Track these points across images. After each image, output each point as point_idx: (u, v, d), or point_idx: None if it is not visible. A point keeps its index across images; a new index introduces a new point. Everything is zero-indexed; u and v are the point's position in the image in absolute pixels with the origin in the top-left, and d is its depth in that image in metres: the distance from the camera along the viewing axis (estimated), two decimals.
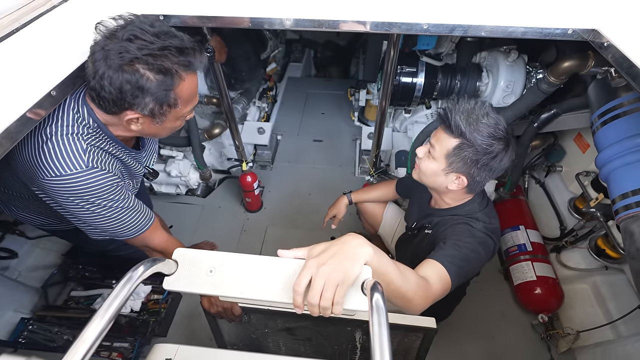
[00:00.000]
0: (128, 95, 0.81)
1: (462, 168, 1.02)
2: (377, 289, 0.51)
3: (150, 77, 0.80)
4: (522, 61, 1.71)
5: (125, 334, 1.61)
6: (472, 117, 0.97)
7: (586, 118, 1.54)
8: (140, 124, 0.91)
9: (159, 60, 0.80)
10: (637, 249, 0.95)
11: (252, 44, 1.95)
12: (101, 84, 0.80)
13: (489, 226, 1.07)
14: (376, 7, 1.03)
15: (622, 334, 1.46)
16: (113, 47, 0.77)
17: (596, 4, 0.96)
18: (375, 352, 0.43)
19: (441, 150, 1.03)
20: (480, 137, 0.96)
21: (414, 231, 1.29)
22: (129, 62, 0.78)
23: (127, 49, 0.77)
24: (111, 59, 0.77)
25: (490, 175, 1.03)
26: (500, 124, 0.99)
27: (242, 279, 0.59)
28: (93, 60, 0.80)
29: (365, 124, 2.43)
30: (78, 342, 0.48)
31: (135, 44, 0.78)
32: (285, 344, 1.21)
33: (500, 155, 0.99)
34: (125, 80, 0.79)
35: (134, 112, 0.86)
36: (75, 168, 0.86)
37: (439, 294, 0.88)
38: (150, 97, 0.83)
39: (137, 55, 0.77)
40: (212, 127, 2.10)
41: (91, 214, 0.95)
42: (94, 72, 0.80)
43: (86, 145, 0.89)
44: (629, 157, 1.03)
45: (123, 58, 0.77)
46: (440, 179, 1.08)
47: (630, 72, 0.81)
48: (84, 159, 0.87)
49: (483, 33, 0.97)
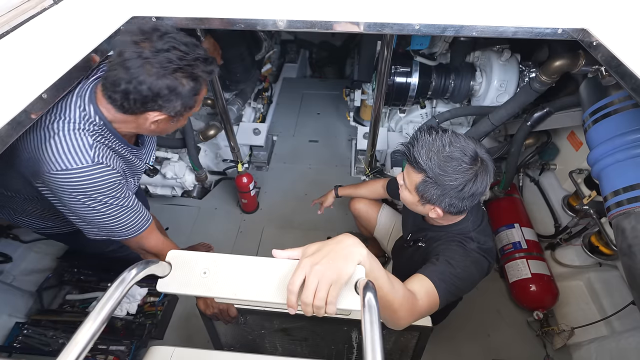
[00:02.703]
0: (162, 99, 0.87)
1: (433, 200, 0.98)
2: (369, 288, 0.51)
3: (184, 83, 0.88)
4: (515, 60, 1.72)
5: (121, 337, 1.60)
6: (432, 151, 0.93)
7: (579, 116, 1.55)
8: (159, 123, 0.95)
9: (191, 69, 0.88)
10: (628, 245, 0.96)
11: (246, 45, 1.95)
12: (137, 88, 0.84)
13: (483, 246, 1.04)
14: (369, 8, 1.04)
15: (616, 329, 1.47)
16: (154, 56, 0.83)
17: (585, 4, 0.97)
18: (367, 351, 0.43)
19: (410, 184, 1.01)
20: (442, 172, 0.92)
21: (409, 243, 1.28)
22: (172, 71, 0.85)
23: (170, 59, 0.84)
24: (155, 67, 0.83)
25: (466, 203, 0.98)
26: (467, 152, 0.93)
27: (236, 280, 0.59)
28: (126, 66, 0.83)
29: (360, 124, 2.44)
30: (70, 345, 0.48)
31: (175, 54, 0.84)
32: (282, 345, 1.21)
33: (469, 186, 0.93)
34: (165, 86, 0.85)
35: (160, 114, 0.91)
36: (82, 162, 0.88)
37: (425, 310, 0.86)
38: (180, 101, 0.90)
39: (180, 65, 0.85)
40: (207, 129, 2.09)
41: (91, 211, 0.96)
42: (130, 77, 0.83)
43: (92, 141, 0.91)
44: (619, 155, 1.04)
45: (167, 68, 0.84)
46: (418, 208, 1.06)
47: (618, 70, 0.82)
48: (90, 154, 0.90)
49: (474, 33, 0.98)
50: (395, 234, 1.60)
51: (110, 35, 0.95)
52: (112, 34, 0.96)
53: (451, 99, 1.93)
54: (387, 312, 0.74)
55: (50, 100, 0.76)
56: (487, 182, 0.96)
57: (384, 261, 1.84)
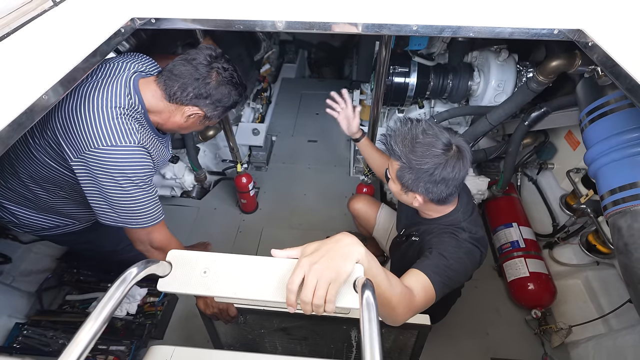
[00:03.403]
0: (212, 99, 1.09)
1: (411, 187, 1.05)
2: (368, 286, 0.52)
3: (232, 96, 1.12)
4: (512, 60, 1.73)
5: (121, 337, 1.61)
6: (407, 139, 1.01)
7: (576, 116, 1.56)
8: (191, 118, 1.12)
9: (243, 90, 1.15)
10: (625, 244, 0.97)
11: (245, 45, 1.95)
12: (199, 85, 1.05)
13: (474, 236, 1.08)
14: (367, 9, 1.04)
15: (613, 327, 1.48)
16: (223, 70, 1.08)
17: (580, 5, 0.98)
18: (366, 348, 0.44)
19: (392, 172, 1.09)
20: (414, 157, 0.99)
21: (402, 238, 1.30)
22: (233, 85, 1.11)
23: (233, 76, 1.10)
24: (221, 76, 1.08)
25: (443, 188, 1.02)
26: (440, 138, 0.99)
27: (235, 279, 0.60)
28: (197, 66, 1.05)
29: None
30: (72, 345, 0.48)
31: (237, 74, 1.12)
32: (282, 344, 1.22)
33: (439, 170, 0.98)
34: (222, 92, 1.09)
35: (200, 110, 1.10)
36: (127, 142, 0.99)
37: (422, 305, 0.88)
38: (220, 108, 1.12)
39: (238, 82, 1.13)
40: (206, 129, 2.10)
41: (121, 192, 1.02)
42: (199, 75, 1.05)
43: (138, 125, 1.04)
44: (616, 154, 1.04)
45: (230, 81, 1.10)
46: (403, 197, 1.13)
47: (613, 71, 0.83)
48: (137, 136, 1.02)
49: (471, 34, 0.99)
50: (394, 234, 1.61)
51: (110, 37, 0.95)
52: (112, 35, 0.96)
53: (449, 99, 1.94)
54: (385, 310, 0.75)
55: (52, 100, 0.76)
56: (459, 169, 1.01)
57: (382, 260, 1.85)
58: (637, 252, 0.93)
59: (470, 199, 1.21)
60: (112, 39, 0.97)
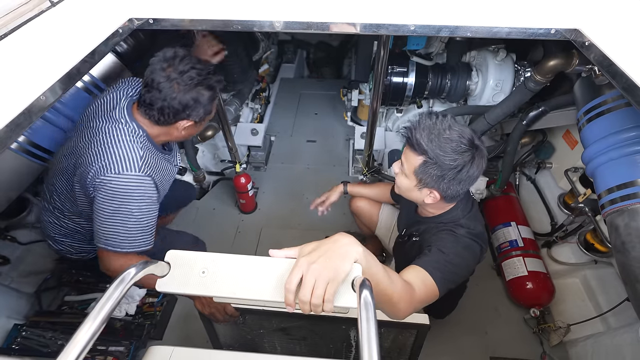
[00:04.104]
0: (190, 109, 1.10)
1: (431, 183, 1.02)
2: (365, 286, 0.52)
3: (204, 93, 1.10)
4: (510, 60, 1.73)
5: (120, 337, 1.60)
6: (433, 134, 0.97)
7: (573, 115, 1.57)
8: (188, 128, 1.17)
9: (207, 81, 1.10)
10: (622, 243, 0.97)
11: (243, 45, 1.95)
12: (171, 104, 1.07)
13: (473, 231, 1.08)
14: (364, 9, 1.04)
15: (611, 325, 1.49)
16: (179, 76, 1.05)
17: (577, 5, 0.98)
18: (364, 347, 0.44)
19: (409, 167, 1.04)
20: (442, 153, 0.96)
21: (404, 238, 1.30)
22: (194, 86, 1.07)
23: (192, 77, 1.06)
24: (181, 85, 1.06)
25: (462, 187, 1.02)
26: (465, 135, 0.98)
27: (234, 279, 0.60)
28: (159, 88, 1.05)
29: (358, 124, 2.45)
30: (70, 345, 0.48)
31: (194, 72, 1.06)
32: (281, 344, 1.22)
33: (466, 168, 0.98)
34: (191, 98, 1.08)
35: (188, 121, 1.14)
36: (132, 170, 1.07)
37: (424, 299, 0.88)
38: (202, 109, 1.12)
39: (199, 80, 1.07)
40: (204, 129, 2.10)
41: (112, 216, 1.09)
42: (164, 96, 1.06)
43: (142, 153, 1.11)
44: (613, 153, 1.05)
45: (190, 84, 1.06)
46: (415, 194, 1.09)
47: (610, 70, 0.83)
48: (139, 164, 1.09)
49: (469, 33, 0.99)
50: (396, 231, 1.61)
51: (108, 37, 0.95)
52: (110, 36, 0.96)
53: (448, 99, 1.94)
54: (387, 306, 0.76)
55: (49, 101, 0.76)
56: (482, 167, 1.00)
57: (382, 259, 1.85)
58: (634, 251, 0.94)
59: (468, 194, 1.21)
60: (110, 39, 0.97)
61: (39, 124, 1.20)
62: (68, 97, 1.18)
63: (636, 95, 0.75)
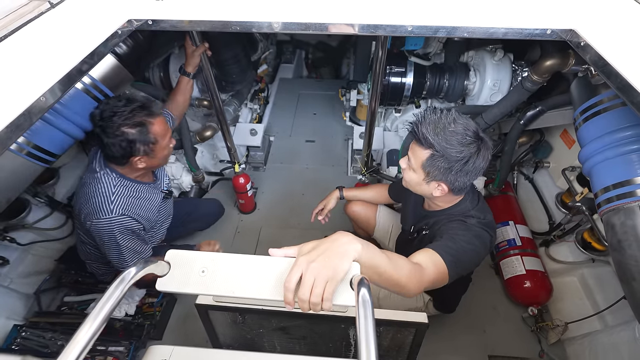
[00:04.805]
0: (127, 149, 1.23)
1: (439, 176, 1.04)
2: (363, 284, 0.53)
3: (132, 131, 1.22)
4: (507, 60, 1.74)
5: (120, 337, 1.61)
6: (439, 127, 1.00)
7: (570, 115, 1.57)
8: (144, 162, 1.30)
9: (131, 119, 1.21)
10: (618, 241, 0.98)
11: (242, 46, 1.95)
12: (112, 151, 1.23)
13: (483, 220, 1.10)
14: (362, 9, 1.05)
15: (609, 323, 1.50)
16: (106, 125, 1.19)
17: (573, 5, 0.99)
18: (362, 343, 0.44)
19: (416, 162, 1.07)
20: (448, 146, 0.99)
21: (413, 235, 1.31)
22: (117, 128, 1.19)
23: (114, 122, 1.19)
24: (109, 134, 1.20)
25: (469, 178, 1.04)
26: (469, 128, 1.01)
27: (233, 278, 0.61)
28: (100, 139, 1.22)
29: (356, 124, 2.45)
30: (71, 344, 0.48)
31: (116, 118, 1.19)
32: (280, 344, 1.22)
33: (473, 159, 1.00)
34: (122, 141, 1.21)
35: (137, 157, 1.27)
36: (108, 214, 1.27)
37: (433, 279, 0.89)
38: (139, 143, 1.24)
39: (120, 122, 1.20)
40: (203, 130, 2.10)
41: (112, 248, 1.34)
42: (104, 144, 1.22)
43: (123, 189, 1.32)
44: (609, 152, 1.06)
45: (115, 129, 1.19)
46: (423, 187, 1.11)
47: (604, 70, 0.84)
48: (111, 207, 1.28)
49: (465, 34, 1.00)
50: (395, 232, 1.61)
51: (107, 38, 0.96)
52: (109, 37, 0.97)
53: (446, 99, 1.95)
54: (396, 289, 0.78)
55: (49, 102, 0.77)
56: (487, 158, 1.03)
57: None
58: (630, 249, 0.95)
59: (474, 188, 1.23)
60: (109, 40, 0.98)
61: (39, 125, 1.20)
62: (68, 99, 1.18)
63: (631, 95, 0.75)
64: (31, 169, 1.26)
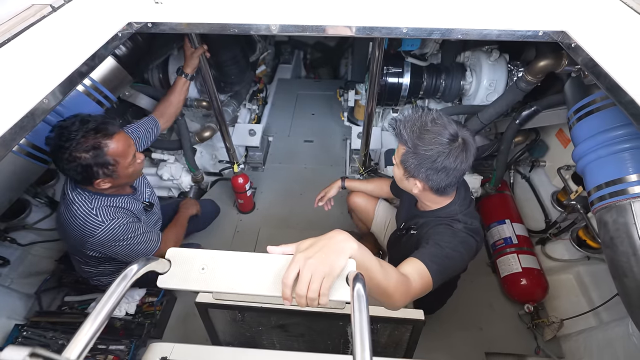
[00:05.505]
0: (84, 173, 1.17)
1: (413, 172, 1.07)
2: (359, 279, 0.54)
3: (86, 156, 1.15)
4: (503, 60, 1.76)
5: (120, 336, 1.62)
6: (416, 125, 1.03)
7: (565, 114, 1.59)
8: (107, 182, 1.24)
9: (83, 144, 1.13)
10: (610, 238, 1.00)
11: (240, 47, 1.97)
12: (75, 177, 1.19)
13: (469, 226, 1.11)
14: (359, 12, 1.07)
15: (603, 320, 1.52)
16: (58, 150, 1.12)
17: (563, 7, 1.01)
18: (356, 337, 0.46)
19: (397, 157, 1.12)
20: (419, 142, 1.02)
21: (402, 232, 1.33)
22: (70, 155, 1.12)
23: (65, 149, 1.11)
24: (65, 161, 1.14)
25: (442, 177, 1.04)
26: (447, 129, 1.01)
27: (233, 275, 0.62)
28: (61, 168, 1.17)
29: (355, 124, 2.47)
30: (73, 342, 0.49)
31: (69, 142, 1.11)
32: (279, 341, 1.24)
33: (441, 158, 1.01)
34: (77, 166, 1.15)
35: (98, 179, 1.21)
36: (103, 224, 1.26)
37: (419, 291, 0.91)
38: (95, 167, 1.17)
39: (70, 149, 1.12)
40: (202, 130, 2.12)
41: (124, 249, 1.34)
42: (65, 172, 1.18)
43: (96, 210, 1.27)
44: (601, 151, 1.08)
45: (68, 156, 1.12)
46: (404, 183, 1.15)
47: (594, 71, 0.86)
48: (101, 217, 1.27)
49: (460, 36, 1.01)
50: (391, 228, 1.64)
51: (107, 41, 0.97)
52: (110, 40, 0.98)
53: (442, 99, 1.97)
54: (383, 297, 0.78)
55: (51, 104, 0.78)
56: (461, 161, 1.03)
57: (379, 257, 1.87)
58: (622, 246, 0.96)
59: (468, 193, 1.24)
60: (110, 43, 0.99)
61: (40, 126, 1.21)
62: (69, 100, 1.20)
63: (619, 95, 0.77)
64: (32, 169, 1.27)
